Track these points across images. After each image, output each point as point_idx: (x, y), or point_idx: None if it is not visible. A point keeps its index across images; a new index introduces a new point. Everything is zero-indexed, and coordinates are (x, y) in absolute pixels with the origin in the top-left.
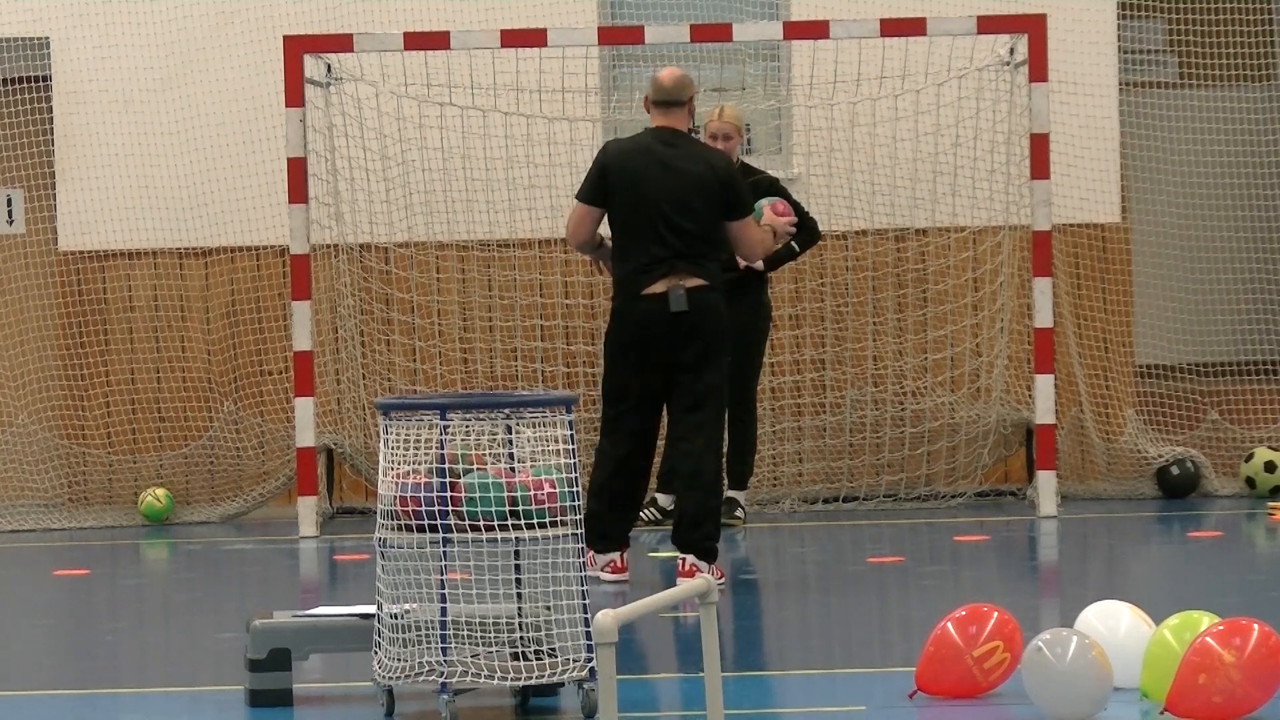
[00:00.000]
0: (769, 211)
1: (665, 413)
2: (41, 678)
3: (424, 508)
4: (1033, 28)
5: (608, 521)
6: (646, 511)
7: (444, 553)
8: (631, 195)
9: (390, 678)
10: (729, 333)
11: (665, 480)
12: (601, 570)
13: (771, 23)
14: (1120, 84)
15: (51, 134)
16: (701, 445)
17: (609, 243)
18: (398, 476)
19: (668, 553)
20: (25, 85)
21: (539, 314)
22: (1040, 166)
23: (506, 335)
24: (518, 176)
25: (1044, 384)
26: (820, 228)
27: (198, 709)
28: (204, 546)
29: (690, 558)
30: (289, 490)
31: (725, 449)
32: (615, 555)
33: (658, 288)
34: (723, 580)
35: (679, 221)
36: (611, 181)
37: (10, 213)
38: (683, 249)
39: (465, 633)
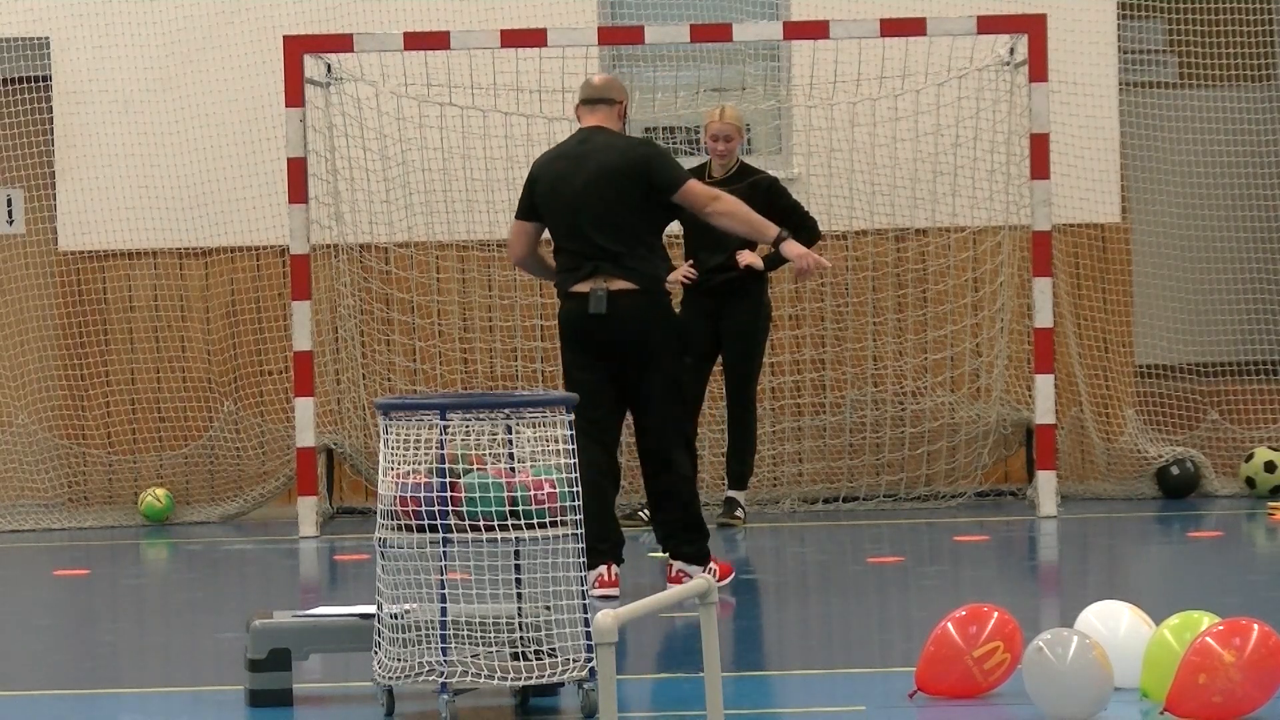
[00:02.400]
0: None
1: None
2: (41, 678)
3: (424, 508)
4: (1033, 28)
5: (587, 533)
6: (645, 512)
7: (444, 553)
8: (553, 201)
9: (390, 678)
10: (666, 337)
11: None
12: (592, 585)
13: (771, 23)
14: (1120, 84)
15: (51, 134)
16: (656, 464)
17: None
18: (398, 476)
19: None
20: (25, 85)
21: (539, 314)
22: (1040, 166)
23: (506, 335)
24: (518, 176)
25: (1044, 384)
26: (820, 227)
27: (198, 709)
28: (204, 546)
29: (678, 564)
30: (289, 490)
31: (726, 449)
32: (602, 568)
33: (581, 287)
34: (728, 579)
35: (600, 218)
36: (537, 192)
37: (10, 213)
38: (608, 248)
39: (465, 633)
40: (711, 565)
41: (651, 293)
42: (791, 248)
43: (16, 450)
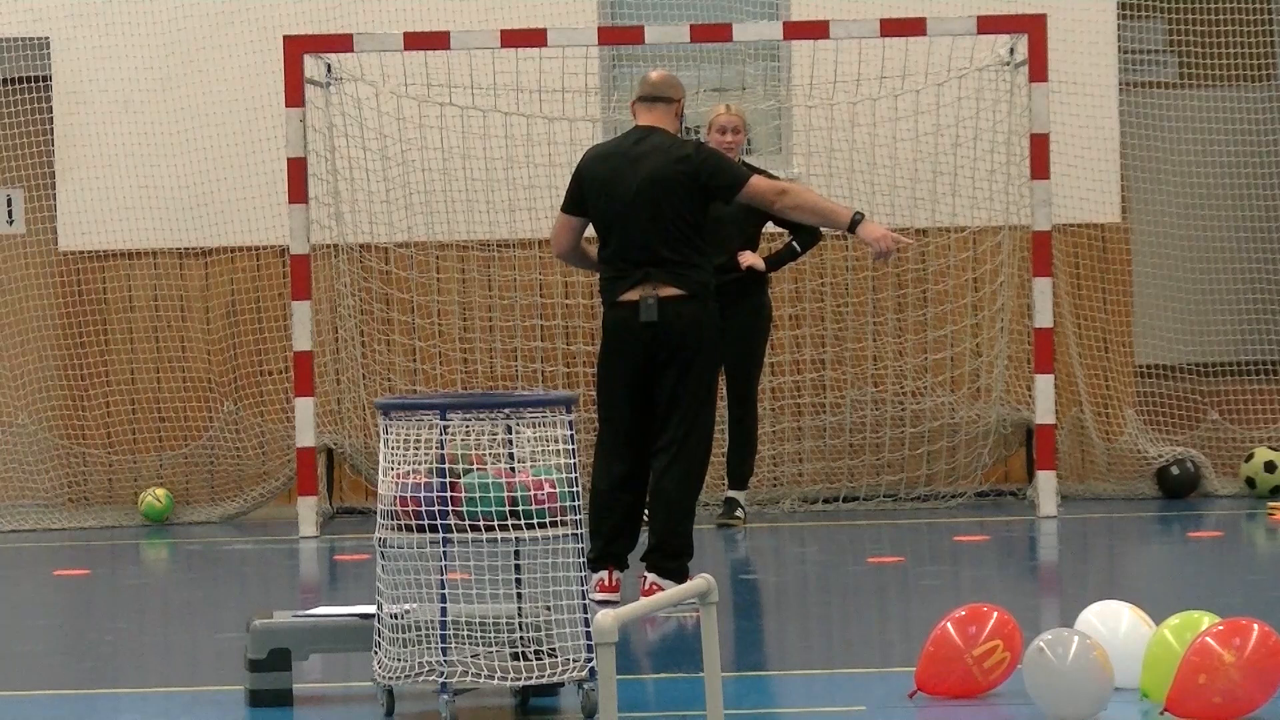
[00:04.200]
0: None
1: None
2: (41, 678)
3: (424, 508)
4: (1033, 28)
5: (595, 537)
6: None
7: (444, 553)
8: (602, 200)
9: (390, 678)
10: (710, 345)
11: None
12: (593, 589)
13: (771, 23)
14: (1120, 84)
15: (51, 134)
16: (666, 464)
17: (593, 253)
18: (398, 476)
19: None
20: (25, 85)
21: (539, 314)
22: (1040, 166)
23: (506, 335)
24: (518, 176)
25: (1044, 384)
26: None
27: (198, 709)
28: (204, 546)
29: (652, 576)
30: (289, 490)
31: (726, 449)
32: (604, 573)
33: (630, 295)
34: None
35: (652, 224)
36: (585, 188)
37: (10, 213)
38: (658, 254)
39: (465, 633)
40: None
41: (701, 299)
42: (869, 230)
43: (16, 450)
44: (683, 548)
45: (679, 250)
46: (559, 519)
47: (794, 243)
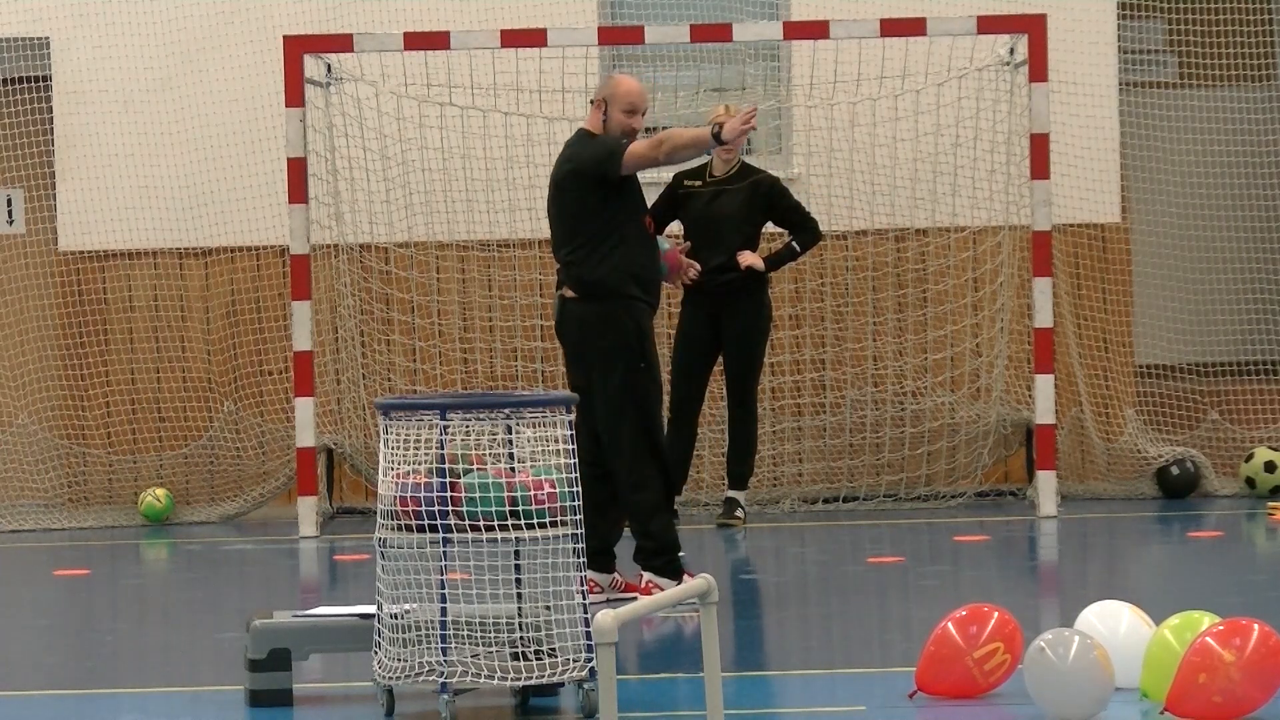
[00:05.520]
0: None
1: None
2: (41, 678)
3: (424, 508)
4: (1033, 28)
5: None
6: None
7: (444, 553)
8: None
9: (390, 678)
10: (613, 347)
11: None
12: None
13: (771, 23)
14: (1120, 84)
15: (51, 134)
16: (611, 465)
17: None
18: (398, 476)
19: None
20: (25, 85)
21: (539, 314)
22: (1040, 166)
23: (506, 335)
24: (518, 176)
25: (1044, 384)
26: (821, 227)
27: (198, 709)
28: (204, 546)
29: (647, 575)
30: (289, 490)
31: (726, 449)
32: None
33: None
34: None
35: (555, 225)
36: None
37: (10, 213)
38: (560, 254)
39: (465, 633)
40: (686, 578)
41: (588, 300)
42: (728, 131)
43: (16, 450)
44: (660, 546)
45: (573, 251)
46: (559, 519)
47: (794, 243)
